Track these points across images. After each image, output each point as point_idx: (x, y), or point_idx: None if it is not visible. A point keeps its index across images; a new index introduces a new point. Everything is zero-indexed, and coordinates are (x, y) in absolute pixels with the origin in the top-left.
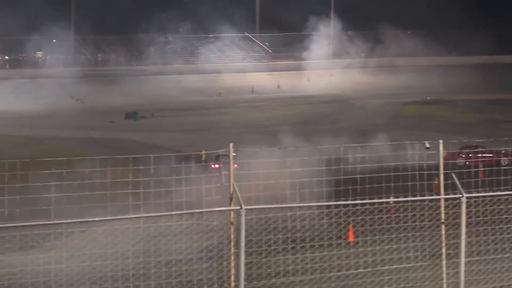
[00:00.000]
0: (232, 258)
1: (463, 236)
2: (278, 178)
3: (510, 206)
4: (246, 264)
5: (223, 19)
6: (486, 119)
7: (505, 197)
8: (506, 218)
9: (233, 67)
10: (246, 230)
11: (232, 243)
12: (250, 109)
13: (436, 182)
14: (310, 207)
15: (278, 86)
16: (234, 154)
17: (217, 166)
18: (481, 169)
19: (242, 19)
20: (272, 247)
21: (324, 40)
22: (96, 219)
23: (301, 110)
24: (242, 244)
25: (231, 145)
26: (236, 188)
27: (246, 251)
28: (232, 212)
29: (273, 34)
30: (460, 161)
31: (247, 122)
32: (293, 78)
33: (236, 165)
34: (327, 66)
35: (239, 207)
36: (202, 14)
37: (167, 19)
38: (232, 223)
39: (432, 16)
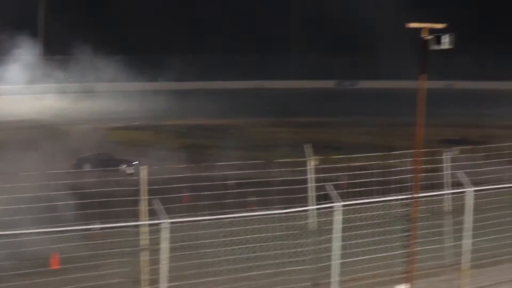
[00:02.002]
0: None
1: (165, 261)
2: None
3: (213, 231)
4: None
5: None
6: (192, 144)
7: (207, 221)
8: (203, 242)
9: None
10: None
11: None
12: None
13: (141, 207)
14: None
15: None
16: None
17: None
18: (185, 194)
19: None
20: None
21: (30, 64)
22: None
23: (4, 135)
24: None
25: None
26: None
27: None
28: None
29: None
30: None
31: None
32: None
33: None
34: (33, 91)
35: None
36: None
37: None
38: None
39: (140, 41)
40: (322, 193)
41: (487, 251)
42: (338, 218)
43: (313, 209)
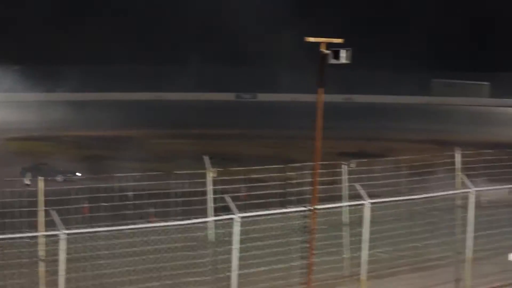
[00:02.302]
0: None
1: (62, 273)
2: None
3: (112, 242)
4: None
5: None
6: (91, 156)
7: (105, 233)
8: (102, 253)
9: None
10: None
11: None
12: None
13: (38, 219)
14: None
15: None
16: None
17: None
18: (85, 205)
19: None
20: None
21: None
22: None
23: None
24: None
25: None
26: None
27: None
28: None
29: None
30: None
31: None
32: None
33: None
34: None
35: None
36: None
37: None
38: None
39: (37, 51)
40: (222, 204)
41: (384, 261)
42: (237, 229)
43: (212, 221)
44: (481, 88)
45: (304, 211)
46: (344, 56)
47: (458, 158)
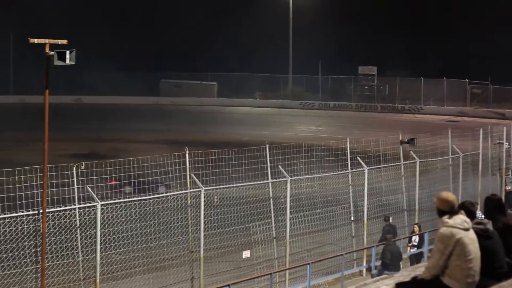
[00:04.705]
0: None
1: None
2: None
3: None
4: None
5: None
6: None
7: None
8: None
9: None
10: None
11: None
12: None
13: None
14: None
15: None
16: None
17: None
18: None
19: None
20: None
21: None
22: None
23: None
24: None
25: None
26: None
27: None
28: None
29: None
30: None
31: None
32: None
33: None
34: None
35: None
36: None
37: None
38: None
39: None
40: None
41: (119, 263)
42: None
43: None
44: (209, 88)
45: (34, 214)
46: (69, 58)
47: (187, 157)
